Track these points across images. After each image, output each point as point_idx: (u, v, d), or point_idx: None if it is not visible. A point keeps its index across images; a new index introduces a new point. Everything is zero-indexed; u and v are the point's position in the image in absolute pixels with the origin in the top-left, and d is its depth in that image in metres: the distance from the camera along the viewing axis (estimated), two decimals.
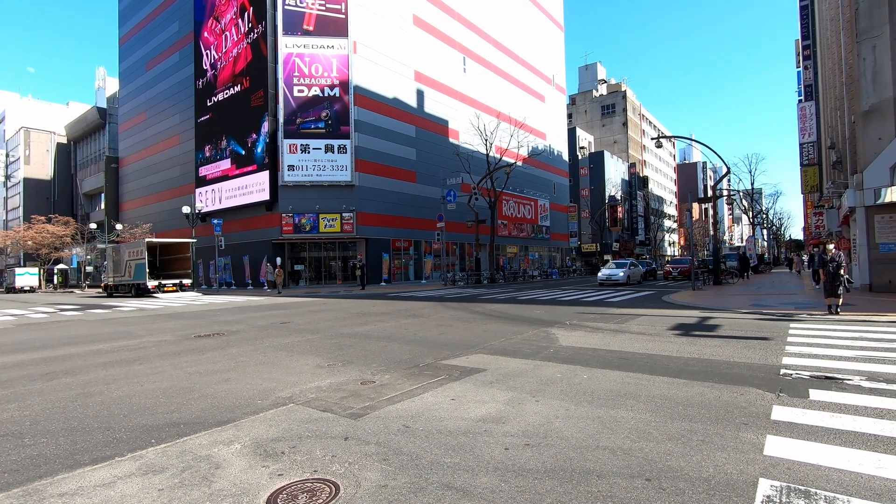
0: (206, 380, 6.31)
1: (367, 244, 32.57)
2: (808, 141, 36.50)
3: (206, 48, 37.08)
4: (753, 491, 2.93)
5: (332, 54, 31.38)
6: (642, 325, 10.60)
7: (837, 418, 4.19)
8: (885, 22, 15.33)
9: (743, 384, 5.40)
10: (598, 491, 2.99)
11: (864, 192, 15.97)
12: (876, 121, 15.90)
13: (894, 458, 3.37)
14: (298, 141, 30.96)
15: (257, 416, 4.68)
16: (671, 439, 3.82)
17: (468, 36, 42.02)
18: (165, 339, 10.16)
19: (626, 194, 75.12)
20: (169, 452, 3.81)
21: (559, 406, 4.78)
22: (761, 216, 68.59)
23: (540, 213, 50.75)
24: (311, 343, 9.14)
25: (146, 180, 45.61)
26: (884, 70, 15.48)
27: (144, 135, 45.74)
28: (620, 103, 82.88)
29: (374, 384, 5.84)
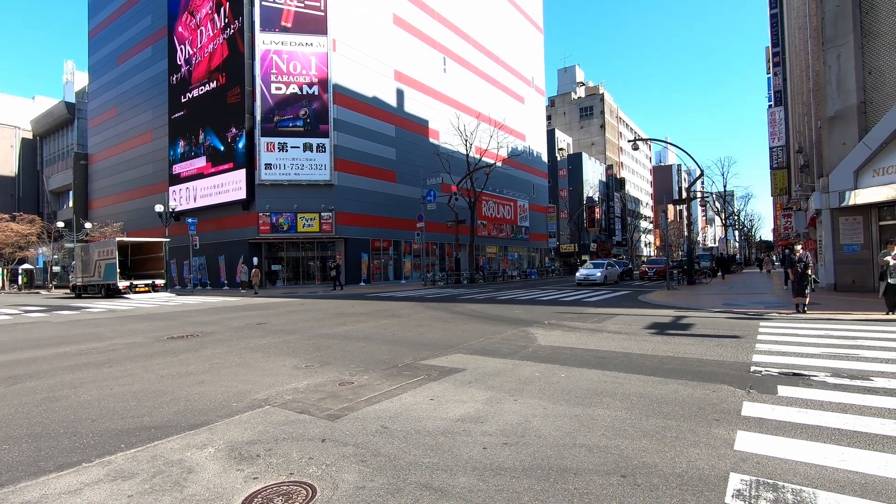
0: (179, 382, 6.17)
1: (346, 244, 32.29)
2: (777, 145, 37.68)
3: (181, 43, 36.23)
4: (724, 485, 3.01)
5: (311, 52, 31.02)
6: (619, 324, 10.77)
7: (804, 413, 4.33)
8: (849, 32, 15.92)
9: (715, 381, 5.53)
10: (575, 488, 3.02)
11: (829, 195, 16.55)
12: (841, 126, 16.49)
13: (856, 450, 3.49)
14: (276, 139, 30.50)
15: (232, 419, 4.59)
16: (646, 436, 3.89)
17: (448, 36, 42.05)
18: (136, 341, 9.89)
19: (604, 195, 76.28)
20: (139, 457, 3.70)
21: (537, 405, 4.82)
22: (733, 218, 70.47)
23: (519, 214, 51.13)
24: (289, 344, 9.01)
25: (117, 178, 44.30)
26: (848, 78, 16.07)
27: (115, 131, 44.41)
28: (598, 106, 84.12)
29: (352, 385, 5.79)
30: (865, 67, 15.80)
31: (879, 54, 15.43)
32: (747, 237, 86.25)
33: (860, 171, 15.60)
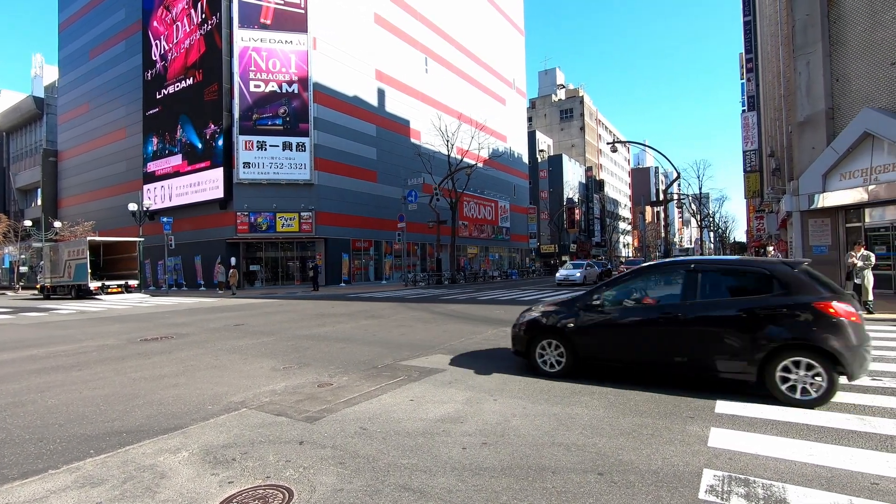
0: (152, 385, 6.02)
1: (326, 244, 31.99)
2: (750, 149, 38.70)
3: (156, 38, 35.40)
4: (698, 481, 3.07)
5: (291, 50, 30.65)
6: None
7: (775, 410, 4.44)
8: (818, 39, 16.44)
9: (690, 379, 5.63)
10: (553, 487, 3.05)
11: (799, 197, 17.05)
12: (810, 131, 17.02)
13: (823, 445, 3.61)
14: (255, 137, 30.04)
15: (207, 423, 4.49)
16: (623, 434, 3.95)
17: (430, 36, 42.04)
18: (108, 344, 9.62)
19: (584, 197, 77.23)
20: (109, 463, 3.60)
21: (517, 404, 4.84)
22: (708, 219, 72.13)
23: (500, 215, 51.40)
24: (267, 345, 8.87)
25: (88, 175, 43.04)
26: (817, 84, 16.60)
27: (87, 127, 43.14)
28: (578, 108, 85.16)
29: (331, 386, 5.73)
30: (833, 74, 16.34)
31: (846, 62, 15.97)
32: (722, 238, 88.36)
33: (828, 174, 16.11)
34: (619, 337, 5.71)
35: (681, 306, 5.35)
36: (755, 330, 4.88)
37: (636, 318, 5.64)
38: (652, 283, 6.03)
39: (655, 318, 5.47)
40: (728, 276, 5.58)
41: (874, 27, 15.22)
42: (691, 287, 5.42)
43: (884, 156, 14.80)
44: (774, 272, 5.16)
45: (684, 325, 5.24)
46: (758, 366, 4.83)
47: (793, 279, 5.03)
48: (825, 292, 4.90)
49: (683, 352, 5.25)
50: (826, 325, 4.66)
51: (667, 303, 5.55)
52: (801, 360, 4.67)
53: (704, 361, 5.12)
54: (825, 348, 4.58)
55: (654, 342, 5.43)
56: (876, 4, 15.16)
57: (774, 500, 2.81)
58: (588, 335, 5.85)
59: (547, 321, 6.16)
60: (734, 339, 4.97)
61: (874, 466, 3.21)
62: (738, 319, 4.99)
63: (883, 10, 14.98)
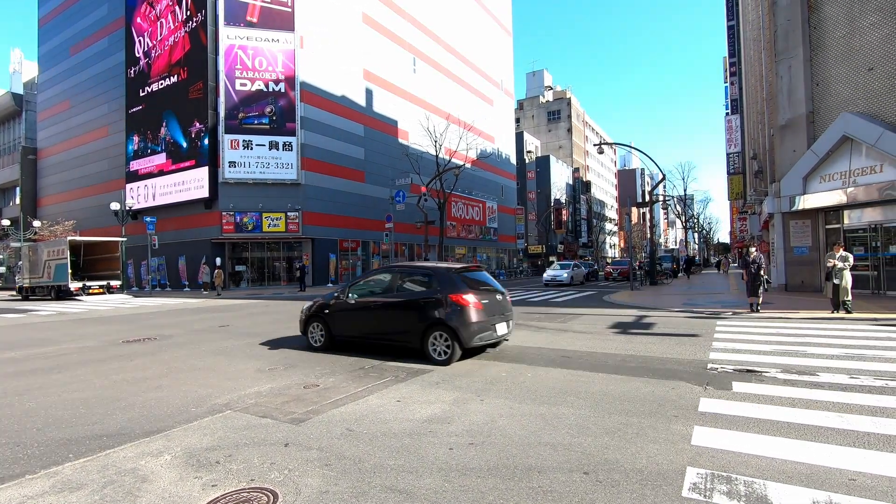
0: (134, 388, 5.92)
1: (313, 244, 31.76)
2: (733, 151, 39.34)
3: (140, 35, 34.83)
4: (682, 479, 3.10)
5: (278, 48, 30.40)
6: (584, 323, 10.99)
7: (757, 408, 4.52)
8: (799, 44, 16.78)
9: (674, 378, 5.71)
10: (539, 486, 3.06)
11: (781, 199, 17.38)
12: (791, 135, 17.36)
13: (803, 442, 3.68)
14: (241, 136, 29.72)
15: (190, 425, 4.43)
16: (608, 433, 3.98)
17: (418, 37, 42.00)
18: (89, 346, 9.44)
19: (571, 198, 77.76)
20: (89, 467, 3.53)
21: (503, 405, 4.86)
22: (693, 221, 73.12)
23: (488, 215, 51.53)
24: (252, 346, 8.78)
25: (69, 174, 42.18)
26: (798, 88, 16.93)
27: (68, 125, 42.27)
28: (565, 110, 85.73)
29: (317, 388, 5.69)
30: (814, 79, 16.68)
31: (826, 67, 16.32)
32: (706, 239, 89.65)
33: (808, 177, 16.45)
34: (354, 320, 7.87)
35: (386, 297, 7.60)
36: (420, 313, 7.03)
37: (362, 306, 7.78)
38: (374, 282, 8.09)
39: (372, 305, 7.68)
40: (413, 276, 7.68)
41: (852, 33, 15.57)
42: (393, 284, 7.68)
43: (862, 159, 15.14)
44: (435, 274, 7.31)
45: (387, 309, 7.48)
46: (420, 337, 6.99)
47: (445, 278, 7.14)
48: (462, 288, 6.99)
49: (387, 328, 7.47)
50: (454, 310, 6.76)
51: (379, 295, 7.75)
52: (440, 333, 6.84)
53: (397, 335, 7.35)
54: (451, 325, 6.71)
55: (372, 322, 7.67)
56: (854, 11, 15.51)
57: (756, 496, 2.85)
58: (337, 319, 7.99)
59: (316, 310, 8.24)
60: (411, 319, 7.12)
61: (852, 463, 3.28)
62: (413, 305, 7.17)
63: (861, 16, 15.33)
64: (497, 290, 7.66)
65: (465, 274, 7.46)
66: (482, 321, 6.89)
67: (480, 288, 7.36)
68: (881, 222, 15.20)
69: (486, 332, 6.98)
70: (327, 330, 8.03)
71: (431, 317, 6.86)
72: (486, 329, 6.96)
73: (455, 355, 6.77)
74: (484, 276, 7.93)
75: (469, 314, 6.76)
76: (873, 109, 15.03)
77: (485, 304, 7.07)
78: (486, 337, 7.00)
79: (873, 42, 14.97)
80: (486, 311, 7.03)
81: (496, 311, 7.29)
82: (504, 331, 7.40)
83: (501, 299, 7.63)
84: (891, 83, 14.64)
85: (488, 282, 7.77)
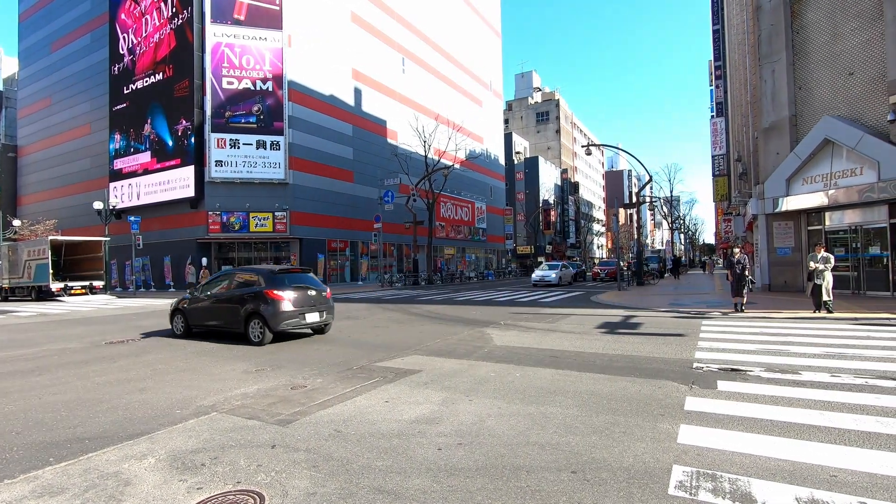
0: (118, 390, 5.82)
1: (301, 245, 31.54)
2: (719, 153, 39.89)
3: (124, 31, 34.30)
4: (668, 477, 3.13)
5: (266, 47, 30.14)
6: (572, 324, 11.06)
7: (741, 406, 4.58)
8: (783, 49, 17.08)
9: (660, 378, 5.77)
10: (527, 486, 3.07)
11: (764, 201, 17.67)
12: (775, 137, 17.66)
13: (786, 440, 3.74)
14: (227, 135, 29.42)
15: (175, 427, 4.37)
16: (596, 432, 4.01)
17: (407, 37, 41.94)
18: (70, 347, 9.26)
19: (559, 199, 78.22)
20: (70, 471, 3.46)
21: (492, 404, 4.86)
22: (679, 222, 74.01)
23: (477, 216, 51.63)
24: (238, 347, 8.69)
25: (51, 172, 41.38)
26: (781, 92, 17.23)
27: (49, 122, 41.47)
28: (554, 111, 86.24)
29: (305, 389, 5.65)
30: (796, 83, 16.99)
31: (808, 71, 16.63)
32: (692, 240, 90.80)
33: (791, 179, 16.75)
34: (202, 312, 9.92)
35: (223, 294, 9.64)
36: (244, 305, 9.01)
37: (208, 302, 9.83)
38: (217, 283, 10.02)
39: (214, 301, 9.72)
40: (243, 277, 9.68)
41: (834, 39, 15.88)
42: (230, 284, 9.72)
43: (843, 162, 15.44)
44: (258, 275, 9.36)
45: (223, 303, 9.52)
46: (244, 324, 8.99)
47: (265, 278, 9.13)
48: (276, 286, 8.92)
49: (224, 318, 9.50)
50: (267, 303, 8.72)
51: (220, 292, 9.74)
52: (257, 321, 8.82)
53: (230, 323, 9.35)
54: (262, 314, 8.69)
55: (215, 314, 9.70)
56: (836, 17, 15.82)
57: (740, 493, 2.89)
58: (191, 312, 10.10)
59: (179, 305, 10.41)
60: (238, 310, 9.09)
61: (833, 459, 3.34)
62: (240, 299, 9.17)
63: (842, 22, 15.64)
64: (313, 288, 9.64)
65: (283, 275, 9.39)
66: (290, 311, 8.84)
67: (294, 286, 9.22)
68: (861, 224, 15.53)
69: (294, 319, 8.94)
70: (185, 321, 10.15)
71: (251, 308, 8.90)
72: (293, 318, 8.92)
73: (267, 338, 8.73)
74: (303, 276, 9.88)
75: (278, 306, 8.73)
76: (854, 113, 15.35)
77: (295, 298, 8.99)
78: (294, 324, 9.00)
79: (854, 47, 15.29)
80: (296, 304, 8.97)
81: (307, 304, 9.25)
82: (315, 319, 9.41)
83: (316, 295, 9.58)
84: (870, 87, 14.97)
85: (305, 281, 9.69)
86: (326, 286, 10.21)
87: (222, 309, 9.50)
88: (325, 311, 9.68)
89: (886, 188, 13.93)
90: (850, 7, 15.34)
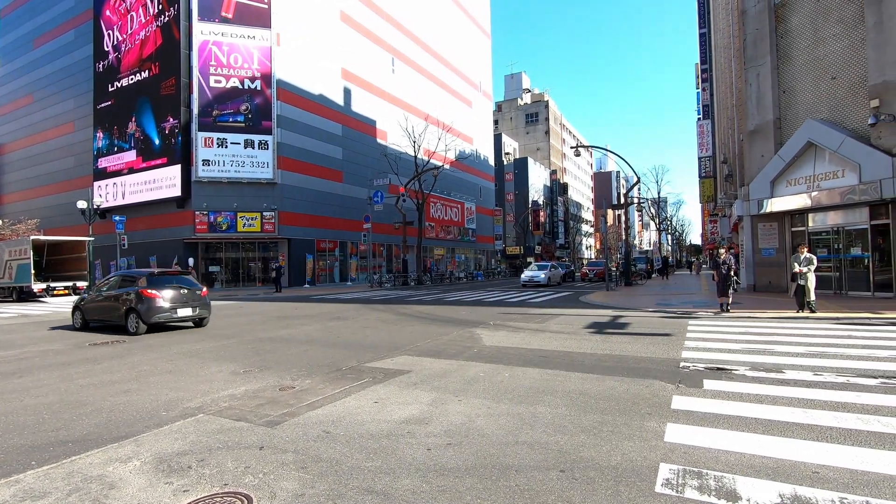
0: (102, 392, 5.73)
1: (289, 245, 31.33)
2: (705, 155, 40.40)
3: (109, 28, 33.80)
4: (655, 475, 3.17)
5: (254, 45, 29.89)
6: (561, 324, 11.12)
7: (726, 405, 4.65)
8: (767, 53, 17.35)
9: (648, 377, 5.83)
10: (517, 485, 3.08)
11: (749, 202, 17.93)
12: (760, 140, 17.93)
13: (770, 437, 3.80)
14: (215, 134, 29.12)
15: (161, 430, 4.31)
16: (584, 431, 4.03)
17: (397, 37, 41.88)
18: (53, 349, 9.10)
19: (548, 200, 78.64)
20: (53, 475, 3.40)
21: (481, 404, 4.87)
22: (666, 223, 74.79)
23: (466, 216, 51.70)
24: (226, 349, 8.61)
25: (32, 171, 40.62)
26: (766, 95, 17.50)
27: (31, 120, 40.71)
28: (543, 112, 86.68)
29: (293, 390, 5.61)
30: (780, 87, 17.27)
31: (792, 75, 16.92)
32: (678, 241, 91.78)
33: (776, 181, 17.01)
34: (95, 308, 11.78)
35: (109, 292, 11.46)
36: (124, 302, 10.87)
37: (100, 300, 11.68)
38: (108, 284, 11.83)
39: (104, 299, 11.51)
40: (127, 278, 11.47)
41: (817, 43, 16.17)
42: (117, 284, 11.55)
43: (825, 164, 15.72)
44: (138, 276, 11.22)
45: (110, 301, 11.30)
46: (124, 317, 10.85)
47: (143, 279, 10.98)
48: (151, 286, 10.81)
49: (110, 313, 11.31)
50: (141, 300, 10.58)
51: (109, 292, 11.49)
52: (133, 315, 10.64)
53: (114, 317, 11.14)
54: (137, 309, 10.55)
55: (103, 310, 11.53)
56: (818, 22, 16.11)
57: (725, 491, 2.93)
58: (87, 309, 11.93)
59: (79, 303, 12.21)
60: (120, 306, 10.96)
61: (815, 456, 3.40)
62: (121, 297, 10.99)
63: (824, 27, 15.93)
64: (187, 288, 11.34)
65: (160, 277, 11.36)
66: (161, 307, 10.67)
67: (168, 286, 11.03)
68: (843, 225, 15.82)
69: (165, 314, 10.75)
70: (83, 316, 11.92)
71: (128, 304, 10.74)
72: (164, 312, 10.71)
73: (141, 328, 10.59)
74: (179, 278, 11.67)
75: (151, 303, 10.58)
76: (836, 117, 15.64)
77: (167, 296, 10.80)
78: (165, 318, 10.81)
79: (836, 52, 15.59)
80: (168, 301, 10.78)
81: (180, 302, 10.98)
82: (187, 314, 11.14)
83: (188, 293, 11.25)
84: (852, 91, 15.26)
85: (180, 282, 11.43)
86: (202, 286, 12.06)
87: (109, 306, 11.35)
88: (198, 307, 11.34)
89: (867, 190, 14.21)
90: (832, 12, 15.64)
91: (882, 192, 13.84)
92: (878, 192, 13.92)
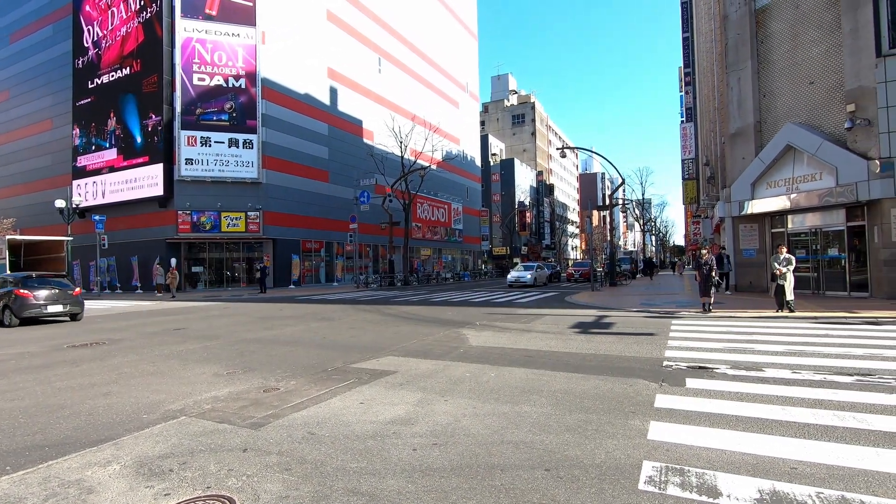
0: (81, 395, 5.61)
1: (274, 245, 31.03)
2: (688, 157, 41.05)
3: (88, 23, 33.10)
4: (638, 473, 3.21)
5: (238, 43, 29.55)
6: (547, 324, 11.19)
7: (708, 403, 4.72)
8: (748, 58, 17.69)
9: (632, 376, 5.90)
10: (502, 484, 3.09)
11: (731, 204, 18.24)
12: (741, 143, 18.26)
13: (750, 434, 3.87)
14: (198, 133, 28.70)
15: (142, 432, 4.24)
16: (569, 430, 4.07)
17: (384, 37, 41.76)
18: (30, 351, 8.88)
19: (535, 200, 79.09)
20: (28, 480, 3.32)
21: (467, 404, 4.88)
22: (650, 224, 75.74)
23: (453, 217, 51.76)
24: (209, 350, 8.49)
25: (8, 169, 39.59)
26: (747, 99, 17.84)
27: (6, 117, 39.68)
28: (529, 114, 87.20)
29: (278, 391, 5.56)
30: (761, 90, 17.62)
31: (772, 79, 17.27)
32: (662, 242, 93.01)
33: (756, 183, 17.34)
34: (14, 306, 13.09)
35: None
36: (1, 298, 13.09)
37: None
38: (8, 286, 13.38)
39: None
40: (7, 280, 13.55)
41: (795, 48, 16.52)
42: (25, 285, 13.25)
43: (804, 167, 16.07)
44: (15, 278, 13.14)
45: None
46: (0, 313, 13.07)
47: (19, 280, 13.29)
48: (24, 286, 13.07)
49: None
50: (14, 298, 12.75)
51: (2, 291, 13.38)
52: (7, 311, 12.97)
53: None
54: (10, 306, 12.79)
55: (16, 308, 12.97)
56: (797, 27, 16.46)
57: (706, 487, 2.98)
58: None
59: None
60: None
61: (793, 452, 3.47)
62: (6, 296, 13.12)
63: (803, 32, 16.28)
64: (59, 288, 13.66)
65: (34, 279, 13.58)
66: (32, 304, 12.92)
67: (41, 286, 13.29)
68: (821, 227, 16.19)
69: (36, 310, 13.04)
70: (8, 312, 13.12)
71: (4, 301, 12.86)
72: (35, 308, 13.00)
73: (14, 322, 12.78)
74: (52, 280, 13.91)
75: (20, 300, 12.76)
76: (814, 120, 16.00)
77: (38, 294, 13.07)
78: (36, 313, 13.11)
79: (814, 57, 15.94)
80: (39, 299, 13.04)
81: (51, 300, 13.25)
82: (56, 309, 13.42)
83: (60, 293, 13.56)
84: (829, 96, 15.63)
85: (53, 283, 13.76)
86: (75, 287, 14.31)
87: None
88: (68, 304, 13.67)
89: (844, 193, 14.56)
90: (810, 18, 15.99)
91: (858, 195, 14.19)
92: (854, 195, 14.27)
